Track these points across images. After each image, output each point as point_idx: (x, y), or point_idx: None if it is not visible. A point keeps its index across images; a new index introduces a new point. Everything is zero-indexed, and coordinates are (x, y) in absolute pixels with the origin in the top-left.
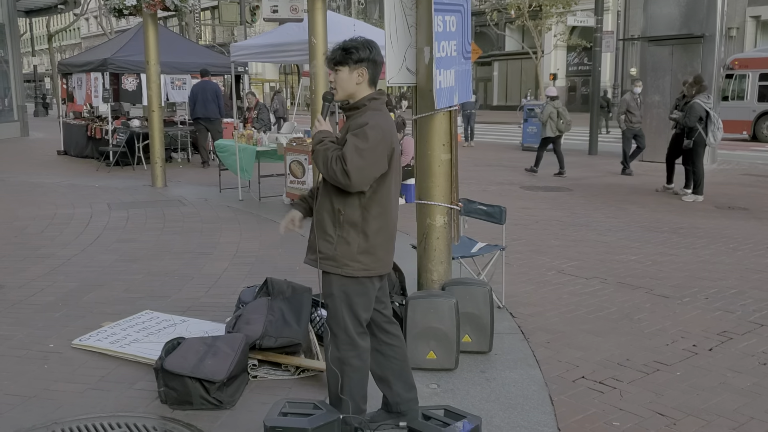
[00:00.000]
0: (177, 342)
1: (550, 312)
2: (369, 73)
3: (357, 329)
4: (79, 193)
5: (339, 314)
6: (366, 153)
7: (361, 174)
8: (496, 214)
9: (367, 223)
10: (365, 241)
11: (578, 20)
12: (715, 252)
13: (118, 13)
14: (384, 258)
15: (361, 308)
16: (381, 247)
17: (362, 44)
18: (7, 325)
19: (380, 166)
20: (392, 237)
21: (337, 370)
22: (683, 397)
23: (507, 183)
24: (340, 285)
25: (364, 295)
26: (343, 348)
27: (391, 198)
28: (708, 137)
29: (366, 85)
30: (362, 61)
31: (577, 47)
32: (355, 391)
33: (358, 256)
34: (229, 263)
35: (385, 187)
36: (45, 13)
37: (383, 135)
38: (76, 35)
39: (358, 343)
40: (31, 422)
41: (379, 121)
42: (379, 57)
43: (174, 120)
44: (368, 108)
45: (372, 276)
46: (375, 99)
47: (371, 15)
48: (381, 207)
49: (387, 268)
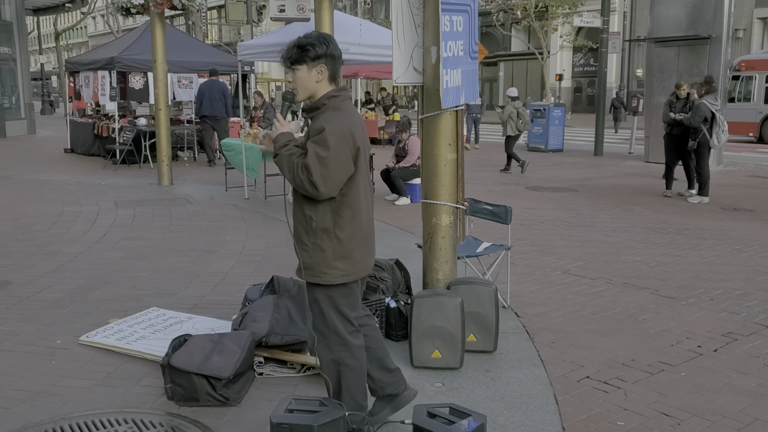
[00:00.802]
0: (184, 339)
1: (555, 312)
2: (328, 70)
3: (348, 328)
4: (85, 190)
5: (327, 318)
6: (329, 161)
7: (327, 183)
8: (502, 214)
9: (340, 227)
10: (339, 246)
11: (584, 21)
12: (721, 253)
13: (126, 12)
14: (362, 261)
15: (347, 308)
16: (357, 250)
17: (318, 40)
18: (15, 321)
19: (346, 170)
20: (368, 237)
21: (333, 371)
22: (688, 397)
23: (512, 183)
24: (323, 291)
25: (349, 295)
26: (335, 349)
27: (361, 198)
28: (712, 139)
29: (326, 82)
30: (319, 58)
31: (583, 48)
32: (353, 389)
33: (335, 263)
34: (235, 261)
35: (354, 189)
36: (52, 12)
37: (343, 138)
38: (83, 34)
39: (351, 342)
40: (39, 417)
41: (337, 124)
42: (337, 51)
43: (180, 119)
44: (327, 107)
45: (351, 282)
46: (334, 97)
47: (377, 15)
48: (352, 209)
49: (366, 271)
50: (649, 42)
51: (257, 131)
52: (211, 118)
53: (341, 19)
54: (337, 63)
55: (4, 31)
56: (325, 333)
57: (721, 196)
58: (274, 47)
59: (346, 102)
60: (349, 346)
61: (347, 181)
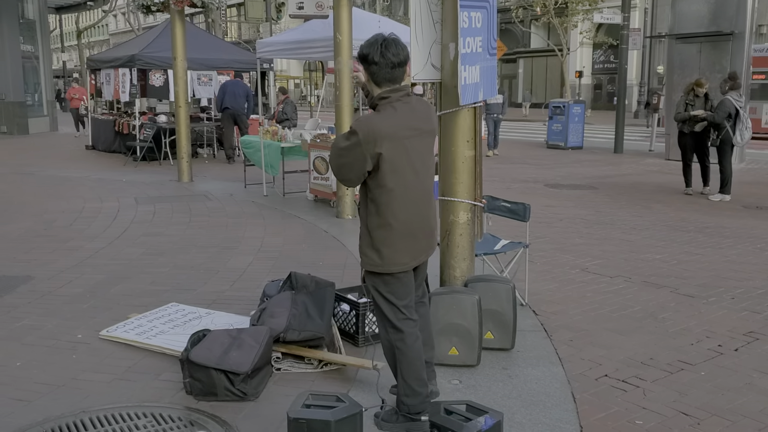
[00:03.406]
0: (202, 334)
1: (573, 310)
2: (370, 73)
3: (397, 315)
4: (106, 187)
5: (376, 301)
6: (343, 152)
7: (339, 171)
8: (520, 211)
9: (370, 219)
10: (367, 236)
11: (605, 17)
12: (742, 252)
13: (146, 10)
14: (390, 257)
15: (391, 295)
16: (383, 244)
17: (370, 45)
18: (37, 315)
19: (357, 167)
20: (403, 237)
21: (389, 353)
22: (708, 396)
23: (531, 181)
24: (370, 278)
25: (389, 284)
26: (389, 331)
27: (394, 198)
28: (735, 136)
29: (373, 84)
30: (366, 62)
31: (603, 45)
32: (406, 374)
33: (366, 250)
34: (253, 257)
35: (383, 188)
36: (74, 10)
37: (362, 139)
38: (104, 31)
39: (401, 328)
40: (60, 410)
41: (364, 124)
42: (377, 56)
43: (200, 116)
44: (378, 108)
45: (382, 272)
46: (383, 98)
47: (396, 12)
48: (377, 205)
49: (399, 267)
50: (670, 38)
51: (276, 128)
52: (233, 110)
53: (360, 16)
54: (377, 67)
55: (27, 29)
56: (378, 316)
57: (743, 194)
58: (293, 44)
59: (395, 103)
60: (399, 330)
61: (373, 179)
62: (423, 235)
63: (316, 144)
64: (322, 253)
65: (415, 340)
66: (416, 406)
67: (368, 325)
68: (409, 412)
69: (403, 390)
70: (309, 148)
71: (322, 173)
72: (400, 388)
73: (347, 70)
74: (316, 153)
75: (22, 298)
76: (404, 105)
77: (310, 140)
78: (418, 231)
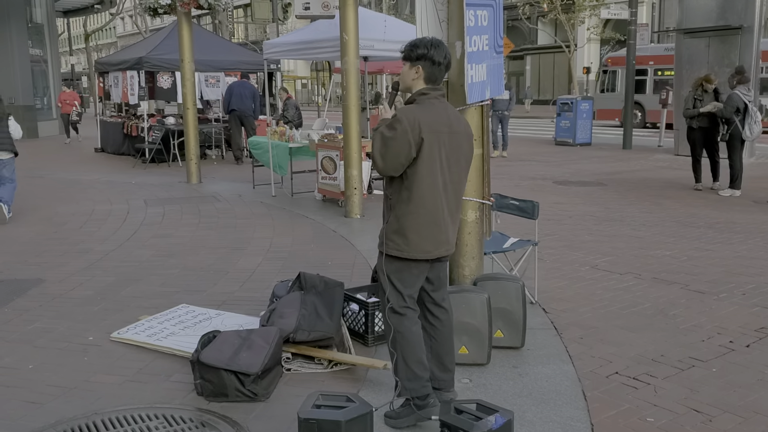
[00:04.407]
0: (212, 335)
1: (583, 308)
2: (425, 72)
3: (400, 303)
4: (116, 189)
5: (384, 285)
6: (389, 141)
7: (384, 160)
8: (529, 209)
9: (400, 205)
10: (396, 221)
11: (612, 13)
12: (753, 247)
13: (153, 12)
14: (417, 243)
15: (400, 283)
16: (412, 230)
17: (424, 43)
18: (48, 318)
19: (404, 155)
20: (430, 225)
21: (390, 336)
22: (719, 393)
23: (540, 178)
24: (385, 262)
25: (403, 271)
26: (390, 315)
27: (425, 186)
28: (744, 130)
29: (421, 81)
30: (419, 59)
31: (611, 40)
32: (407, 356)
33: (392, 235)
34: (262, 258)
35: (418, 175)
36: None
37: (408, 126)
38: (112, 34)
39: (401, 313)
40: (72, 413)
41: (409, 113)
42: (438, 57)
43: (208, 117)
44: (416, 102)
45: (406, 258)
46: (423, 94)
47: (402, 11)
48: (410, 192)
49: (423, 254)
50: (678, 33)
51: (283, 129)
52: (240, 112)
53: (366, 16)
54: (436, 68)
55: (36, 33)
56: (382, 298)
57: (753, 189)
58: (300, 45)
59: (432, 100)
60: (399, 314)
61: (411, 167)
62: (445, 226)
63: (323, 144)
64: (331, 253)
65: (414, 324)
66: (417, 390)
67: (377, 325)
68: (409, 395)
69: (405, 374)
70: (317, 148)
71: (330, 173)
72: (401, 373)
73: (354, 69)
74: (323, 153)
75: (33, 301)
76: (440, 103)
77: (318, 140)
78: (441, 222)
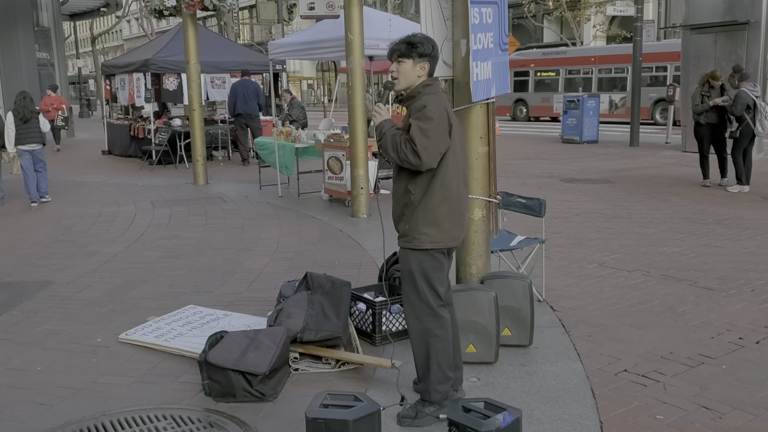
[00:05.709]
0: (220, 335)
1: (591, 305)
2: (429, 68)
3: (437, 302)
4: (123, 191)
5: (419, 287)
6: (430, 132)
7: (428, 152)
8: (536, 206)
9: (431, 195)
10: (430, 213)
11: (618, 10)
12: (762, 243)
13: (159, 14)
14: (450, 231)
15: (437, 282)
16: (445, 219)
17: (425, 40)
18: (57, 320)
19: (444, 142)
20: (457, 211)
21: (422, 342)
22: (729, 390)
23: (546, 176)
24: (416, 260)
25: (439, 269)
26: (425, 320)
27: (451, 173)
28: (756, 126)
29: (425, 76)
30: (425, 56)
31: (617, 37)
32: (441, 360)
33: (424, 228)
34: (269, 258)
35: (446, 162)
36: (88, 17)
37: (441, 114)
38: (118, 37)
39: (440, 314)
40: (81, 414)
41: (436, 102)
42: (437, 52)
43: (214, 119)
44: (423, 93)
45: (440, 249)
46: (428, 85)
47: (407, 10)
48: (442, 180)
49: (454, 242)
50: (684, 29)
51: (289, 129)
52: (245, 116)
53: (371, 15)
54: (435, 63)
55: (43, 36)
56: (415, 303)
57: (762, 185)
58: (305, 45)
59: (437, 89)
60: (438, 317)
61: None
62: (466, 211)
63: (329, 144)
64: (338, 253)
65: (452, 325)
66: (447, 392)
67: (385, 324)
68: (440, 399)
69: (437, 378)
70: (323, 148)
71: (336, 173)
72: (433, 377)
73: (359, 69)
74: (330, 153)
75: (41, 303)
76: (444, 93)
77: (324, 140)
78: (463, 208)
